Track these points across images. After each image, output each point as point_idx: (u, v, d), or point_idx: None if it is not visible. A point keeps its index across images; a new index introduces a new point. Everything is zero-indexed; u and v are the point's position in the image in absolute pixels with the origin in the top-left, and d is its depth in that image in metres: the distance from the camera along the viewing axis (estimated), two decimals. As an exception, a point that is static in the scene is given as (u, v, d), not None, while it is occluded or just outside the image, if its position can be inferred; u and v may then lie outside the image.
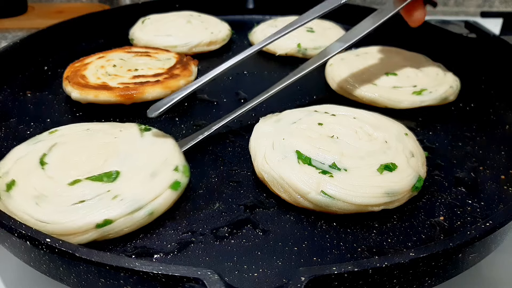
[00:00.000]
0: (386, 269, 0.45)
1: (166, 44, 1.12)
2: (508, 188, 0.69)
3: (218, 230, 0.60)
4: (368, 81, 0.93)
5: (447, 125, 0.86)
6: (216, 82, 1.01)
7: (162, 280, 0.44)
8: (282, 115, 0.78)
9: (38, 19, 1.58)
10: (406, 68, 0.98)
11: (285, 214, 0.63)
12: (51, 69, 1.06)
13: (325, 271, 0.44)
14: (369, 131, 0.72)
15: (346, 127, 0.73)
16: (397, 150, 0.68)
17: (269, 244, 0.58)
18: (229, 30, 1.23)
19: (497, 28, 1.66)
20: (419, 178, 0.65)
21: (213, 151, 0.76)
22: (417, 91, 0.90)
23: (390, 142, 0.70)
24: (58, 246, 0.47)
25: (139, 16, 1.27)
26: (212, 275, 0.43)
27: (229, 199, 0.66)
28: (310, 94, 0.96)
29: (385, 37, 1.21)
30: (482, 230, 0.50)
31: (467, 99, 0.94)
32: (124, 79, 0.91)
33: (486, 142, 0.80)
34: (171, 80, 0.91)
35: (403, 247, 0.58)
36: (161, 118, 0.85)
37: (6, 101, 0.92)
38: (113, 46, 1.08)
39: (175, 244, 0.58)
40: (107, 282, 0.46)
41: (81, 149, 0.67)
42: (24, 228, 0.49)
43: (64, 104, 0.91)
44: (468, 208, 0.65)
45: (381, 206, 0.61)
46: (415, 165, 0.67)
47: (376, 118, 0.76)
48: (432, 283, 0.50)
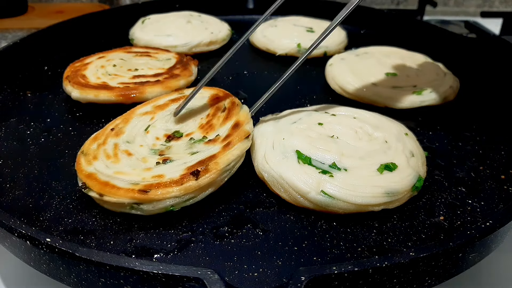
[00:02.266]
0: (386, 269, 0.45)
1: (166, 44, 1.12)
2: (508, 188, 0.69)
3: (218, 229, 0.60)
4: (368, 81, 0.93)
5: (447, 125, 0.86)
6: (216, 82, 1.01)
7: (162, 279, 0.44)
8: (282, 115, 0.78)
9: (38, 19, 1.58)
10: (406, 68, 0.98)
11: (285, 214, 0.63)
12: (51, 69, 1.06)
13: (325, 271, 0.44)
14: (369, 131, 0.72)
15: (346, 127, 0.73)
16: (397, 150, 0.68)
17: (269, 244, 0.58)
18: (229, 30, 1.23)
19: (497, 28, 1.66)
20: (419, 178, 0.65)
21: (213, 151, 0.76)
22: (417, 91, 0.90)
23: (390, 142, 0.70)
24: (58, 246, 0.47)
25: (139, 16, 1.27)
26: (212, 275, 0.43)
27: (229, 199, 0.66)
28: (310, 94, 0.96)
29: (385, 37, 1.22)
30: (482, 230, 0.50)
31: (467, 99, 0.94)
32: (124, 79, 0.91)
33: (486, 142, 0.80)
34: (171, 80, 0.91)
35: (403, 247, 0.58)
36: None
37: (6, 101, 0.92)
38: (113, 46, 1.08)
39: (175, 243, 0.58)
40: (107, 282, 0.47)
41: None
42: (24, 228, 0.49)
43: (64, 104, 0.91)
44: (468, 208, 0.65)
45: (381, 206, 0.61)
46: (415, 164, 0.67)
47: (376, 118, 0.76)
48: (432, 283, 0.50)
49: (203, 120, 0.73)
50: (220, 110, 0.74)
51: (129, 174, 0.62)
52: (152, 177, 0.61)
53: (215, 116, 0.73)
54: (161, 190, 0.59)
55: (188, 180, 0.60)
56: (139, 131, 0.72)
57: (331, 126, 0.73)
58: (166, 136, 0.70)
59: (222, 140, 0.66)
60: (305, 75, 1.06)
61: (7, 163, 0.73)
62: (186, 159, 0.64)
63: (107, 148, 0.68)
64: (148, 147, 0.68)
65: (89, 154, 0.67)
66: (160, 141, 0.70)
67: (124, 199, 0.58)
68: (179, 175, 0.61)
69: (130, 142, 0.70)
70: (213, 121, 0.72)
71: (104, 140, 0.70)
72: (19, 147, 0.77)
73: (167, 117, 0.75)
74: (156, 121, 0.75)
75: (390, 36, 1.24)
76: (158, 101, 0.80)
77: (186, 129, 0.72)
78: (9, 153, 0.75)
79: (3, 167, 0.72)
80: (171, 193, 0.59)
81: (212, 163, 0.62)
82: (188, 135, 0.70)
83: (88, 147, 0.69)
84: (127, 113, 0.78)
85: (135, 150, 0.68)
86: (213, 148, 0.65)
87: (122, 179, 0.61)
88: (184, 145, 0.68)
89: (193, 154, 0.65)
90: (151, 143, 0.69)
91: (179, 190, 0.59)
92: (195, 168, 0.61)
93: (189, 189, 0.59)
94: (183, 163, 0.63)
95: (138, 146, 0.69)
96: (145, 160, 0.65)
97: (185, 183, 0.59)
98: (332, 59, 1.05)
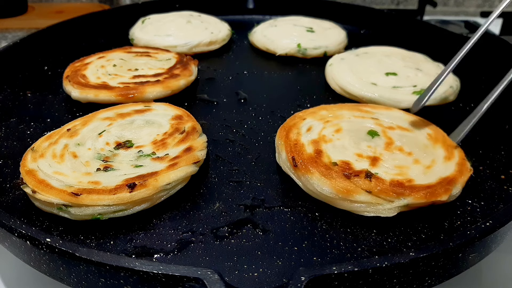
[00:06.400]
0: (386, 269, 0.45)
1: (166, 44, 1.12)
2: (508, 188, 0.69)
3: (218, 230, 0.60)
4: (368, 81, 0.93)
5: (447, 125, 0.86)
6: (216, 82, 1.01)
7: (162, 280, 0.44)
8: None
9: (38, 19, 1.58)
10: (406, 68, 0.98)
11: (285, 214, 0.63)
12: (51, 69, 1.06)
13: (325, 271, 0.44)
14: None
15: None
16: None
17: (269, 244, 0.58)
18: (229, 30, 1.23)
19: (497, 28, 1.66)
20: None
21: (213, 151, 0.76)
22: (417, 91, 0.90)
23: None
24: (58, 246, 0.47)
25: (139, 16, 1.27)
26: (212, 275, 0.43)
27: (229, 199, 0.66)
28: (310, 94, 0.96)
29: (385, 37, 1.22)
30: (482, 230, 0.50)
31: (467, 99, 0.94)
32: (124, 79, 0.91)
33: (486, 142, 0.80)
34: (171, 80, 0.91)
35: (403, 247, 0.58)
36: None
37: (6, 101, 0.92)
38: (113, 46, 1.08)
39: (175, 243, 0.58)
40: (107, 282, 0.47)
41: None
42: (24, 228, 0.49)
43: (64, 104, 0.91)
44: (468, 208, 0.65)
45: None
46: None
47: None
48: (432, 283, 0.50)
49: (158, 136, 0.72)
50: (178, 131, 0.72)
51: (67, 176, 0.62)
52: (88, 182, 0.61)
53: (171, 136, 0.71)
54: (92, 196, 0.58)
55: (122, 191, 0.59)
56: (93, 134, 0.72)
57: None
58: (116, 143, 0.70)
59: (170, 159, 0.65)
60: (305, 75, 1.06)
61: (7, 163, 0.73)
62: (128, 171, 0.63)
63: (57, 148, 0.69)
64: (95, 151, 0.68)
65: (38, 152, 0.68)
66: (109, 146, 0.69)
67: (54, 199, 0.58)
68: (115, 185, 0.60)
69: (81, 144, 0.69)
70: (168, 140, 0.70)
71: (57, 139, 0.71)
72: (19, 147, 0.77)
73: (124, 125, 0.74)
74: (112, 127, 0.74)
75: (390, 36, 1.24)
76: (123, 109, 0.79)
77: (138, 141, 0.71)
78: (9, 153, 0.75)
79: (3, 167, 0.72)
80: (102, 200, 0.58)
81: (151, 179, 0.61)
82: (139, 147, 0.69)
83: (39, 145, 0.69)
84: (88, 115, 0.78)
85: (82, 153, 0.68)
86: (158, 166, 0.64)
87: (58, 179, 0.61)
88: (131, 156, 0.67)
89: (136, 167, 0.64)
90: (100, 147, 0.69)
91: (110, 199, 0.58)
92: (133, 181, 0.60)
93: (120, 200, 0.58)
94: (123, 174, 0.63)
95: (86, 149, 0.68)
96: (87, 164, 0.65)
97: (118, 193, 0.59)
98: (332, 59, 1.05)
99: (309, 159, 0.65)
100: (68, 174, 0.63)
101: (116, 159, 0.66)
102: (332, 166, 0.64)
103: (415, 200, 0.59)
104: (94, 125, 0.75)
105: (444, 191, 0.60)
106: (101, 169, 0.64)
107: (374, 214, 0.60)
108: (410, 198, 0.59)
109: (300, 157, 0.66)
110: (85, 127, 0.74)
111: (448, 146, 0.70)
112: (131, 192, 0.59)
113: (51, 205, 0.59)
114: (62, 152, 0.67)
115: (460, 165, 0.66)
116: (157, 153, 0.67)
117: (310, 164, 0.64)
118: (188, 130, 0.72)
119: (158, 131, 0.73)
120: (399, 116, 0.78)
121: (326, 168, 0.63)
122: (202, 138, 0.72)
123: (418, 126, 0.75)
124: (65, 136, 0.71)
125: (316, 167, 0.64)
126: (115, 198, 0.58)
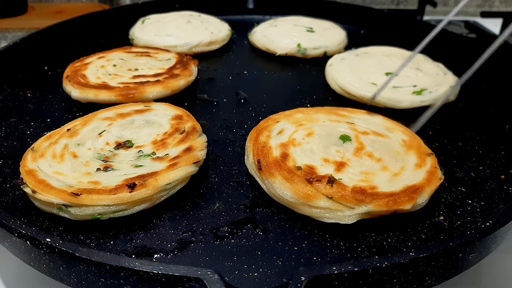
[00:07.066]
0: (386, 269, 0.45)
1: (166, 44, 1.12)
2: (508, 188, 0.69)
3: (218, 230, 0.60)
4: (368, 81, 0.93)
5: (447, 125, 0.86)
6: (216, 82, 1.01)
7: (162, 280, 0.44)
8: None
9: (38, 19, 1.58)
10: (406, 68, 0.98)
11: (285, 214, 0.63)
12: (51, 69, 1.06)
13: (325, 271, 0.44)
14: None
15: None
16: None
17: (269, 244, 0.58)
18: (229, 30, 1.23)
19: (497, 28, 1.66)
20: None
21: (213, 151, 0.76)
22: (417, 91, 0.90)
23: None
24: (58, 246, 0.47)
25: (139, 16, 1.27)
26: (212, 275, 0.43)
27: (229, 199, 0.66)
28: (310, 94, 0.96)
29: (385, 37, 1.22)
30: (482, 230, 0.50)
31: (467, 99, 0.94)
32: (124, 79, 0.91)
33: (486, 142, 0.80)
34: (171, 80, 0.91)
35: (403, 247, 0.58)
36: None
37: (6, 101, 0.92)
38: (113, 46, 1.08)
39: (175, 243, 0.58)
40: (107, 282, 0.46)
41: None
42: (24, 228, 0.49)
43: (64, 104, 0.91)
44: (468, 208, 0.65)
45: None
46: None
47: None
48: (432, 283, 0.50)
49: (158, 136, 0.72)
50: (178, 131, 0.72)
51: (67, 176, 0.62)
52: (88, 182, 0.61)
53: (171, 136, 0.71)
54: (92, 196, 0.58)
55: (122, 191, 0.59)
56: (93, 134, 0.72)
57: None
58: (116, 143, 0.70)
59: (170, 159, 0.65)
60: (305, 75, 1.06)
61: (7, 163, 0.73)
62: (128, 171, 0.63)
63: (57, 147, 0.68)
64: (95, 151, 0.68)
65: (38, 151, 0.67)
66: (109, 146, 0.69)
67: (54, 199, 0.58)
68: (115, 185, 0.60)
69: (81, 144, 0.69)
70: (168, 140, 0.70)
71: (57, 139, 0.70)
72: (19, 147, 0.77)
73: (124, 125, 0.74)
74: (112, 127, 0.74)
75: (390, 36, 1.24)
76: (122, 109, 0.79)
77: (138, 141, 0.71)
78: (9, 153, 0.75)
79: (3, 167, 0.72)
80: (102, 200, 0.58)
81: (151, 179, 0.61)
82: (139, 147, 0.69)
83: (39, 145, 0.69)
84: (88, 115, 0.78)
85: (82, 153, 0.67)
86: (158, 166, 0.64)
87: (58, 179, 0.61)
88: (131, 156, 0.67)
89: (136, 167, 0.64)
90: (100, 147, 0.69)
91: (110, 199, 0.58)
92: (133, 181, 0.60)
93: (120, 200, 0.58)
94: (124, 174, 0.62)
95: (86, 149, 0.68)
96: (87, 164, 0.65)
97: (118, 193, 0.59)
98: (332, 59, 1.05)
99: (274, 163, 0.64)
100: (68, 174, 0.63)
101: (116, 159, 0.66)
102: (296, 171, 0.62)
103: (376, 208, 0.58)
104: (94, 125, 0.75)
105: (408, 199, 0.59)
106: (101, 169, 0.64)
107: (334, 221, 0.59)
108: (371, 205, 0.58)
109: (266, 160, 0.65)
110: (85, 127, 0.74)
111: (421, 154, 0.68)
112: (131, 192, 0.59)
113: (51, 205, 0.59)
114: (62, 152, 0.67)
115: (430, 173, 0.64)
116: (157, 153, 0.67)
117: (274, 167, 0.63)
118: (188, 130, 0.72)
119: (158, 131, 0.73)
120: (377, 122, 0.76)
121: (289, 172, 0.62)
122: (202, 138, 0.72)
123: (394, 132, 0.74)
124: (65, 136, 0.71)
125: (279, 170, 0.63)
126: (115, 198, 0.58)
